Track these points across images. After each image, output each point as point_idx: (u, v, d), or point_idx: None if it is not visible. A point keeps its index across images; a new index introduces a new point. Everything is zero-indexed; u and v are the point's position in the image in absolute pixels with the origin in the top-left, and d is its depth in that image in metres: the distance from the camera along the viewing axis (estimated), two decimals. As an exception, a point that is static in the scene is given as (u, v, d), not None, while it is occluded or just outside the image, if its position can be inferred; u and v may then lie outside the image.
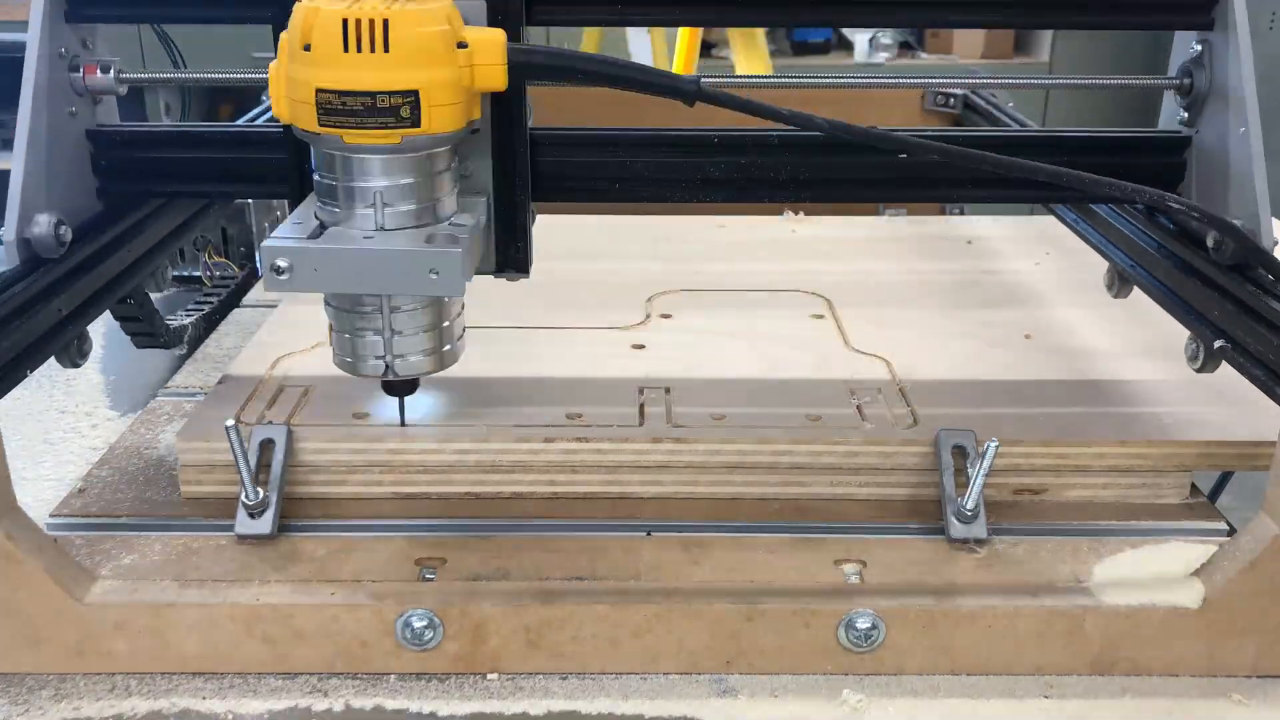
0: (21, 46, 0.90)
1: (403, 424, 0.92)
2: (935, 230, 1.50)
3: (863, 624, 0.77)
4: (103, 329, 1.32)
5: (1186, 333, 0.96)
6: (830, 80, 1.08)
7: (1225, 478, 1.14)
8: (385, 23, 0.70)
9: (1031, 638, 0.78)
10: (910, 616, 0.78)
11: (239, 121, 1.19)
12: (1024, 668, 0.79)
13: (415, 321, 0.81)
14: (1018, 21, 1.03)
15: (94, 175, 0.98)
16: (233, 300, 1.37)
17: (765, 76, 2.21)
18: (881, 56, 4.22)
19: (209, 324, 1.29)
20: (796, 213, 1.52)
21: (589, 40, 2.94)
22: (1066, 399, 0.98)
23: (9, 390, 0.82)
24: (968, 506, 0.85)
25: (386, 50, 0.71)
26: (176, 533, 0.87)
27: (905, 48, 4.37)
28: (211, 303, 1.33)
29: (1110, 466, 0.91)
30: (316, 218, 0.78)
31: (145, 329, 1.13)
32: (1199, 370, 0.92)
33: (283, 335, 1.09)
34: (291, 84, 0.73)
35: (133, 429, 1.03)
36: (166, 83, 1.05)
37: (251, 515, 0.86)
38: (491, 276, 0.90)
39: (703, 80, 0.78)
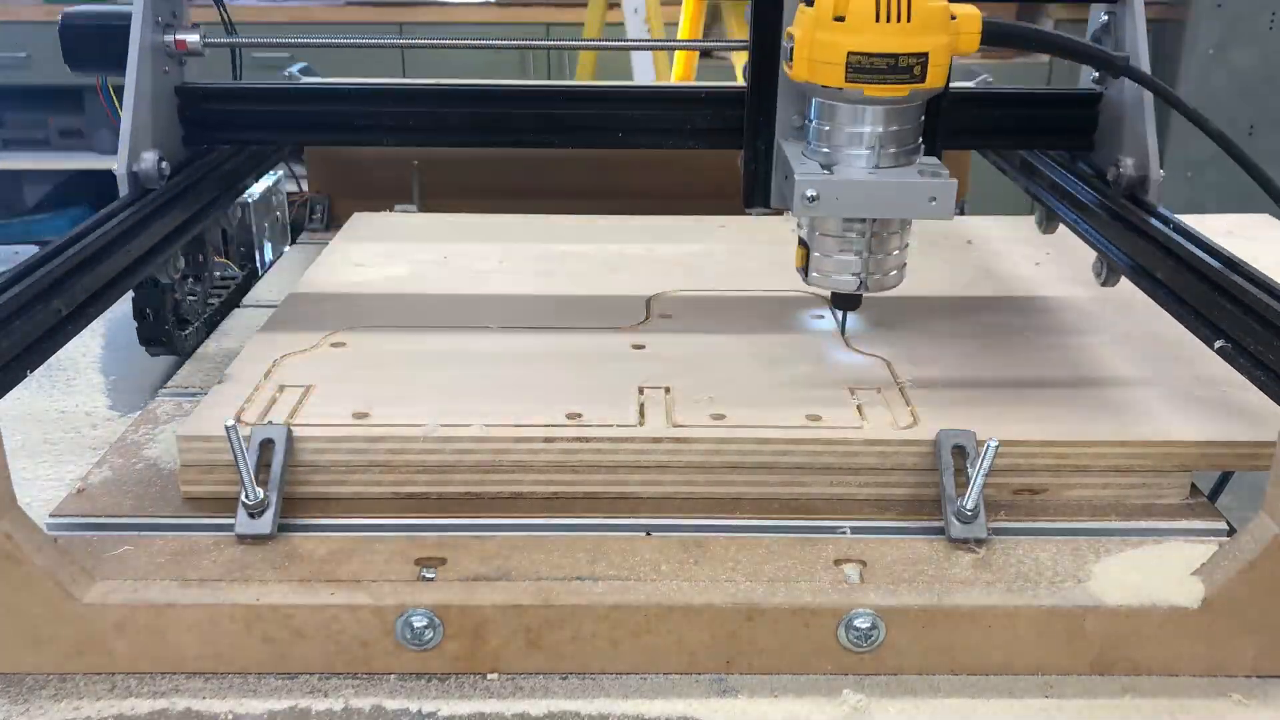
0: (118, 16, 1.13)
1: (843, 334, 1.11)
2: (935, 230, 1.50)
3: (863, 624, 0.77)
4: (103, 329, 1.32)
5: (1187, 333, 0.97)
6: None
7: (1225, 478, 1.14)
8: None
9: (1031, 638, 0.78)
10: (910, 616, 0.78)
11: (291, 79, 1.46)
12: (1024, 668, 0.79)
13: (885, 246, 0.97)
14: None
15: (180, 125, 1.19)
16: (233, 300, 1.37)
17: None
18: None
19: (209, 324, 1.29)
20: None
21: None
22: (1066, 399, 0.98)
23: (9, 390, 0.82)
24: (968, 506, 0.86)
25: (909, 20, 0.87)
26: (176, 533, 0.87)
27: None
28: (212, 304, 1.32)
29: (1110, 466, 0.91)
30: (807, 158, 0.95)
31: (154, 332, 1.18)
32: (1103, 284, 1.15)
33: (283, 335, 1.09)
34: (818, 47, 0.89)
35: (133, 429, 1.03)
36: (240, 46, 1.30)
37: (251, 515, 0.86)
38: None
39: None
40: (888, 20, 0.87)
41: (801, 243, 1.00)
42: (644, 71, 2.79)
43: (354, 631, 0.78)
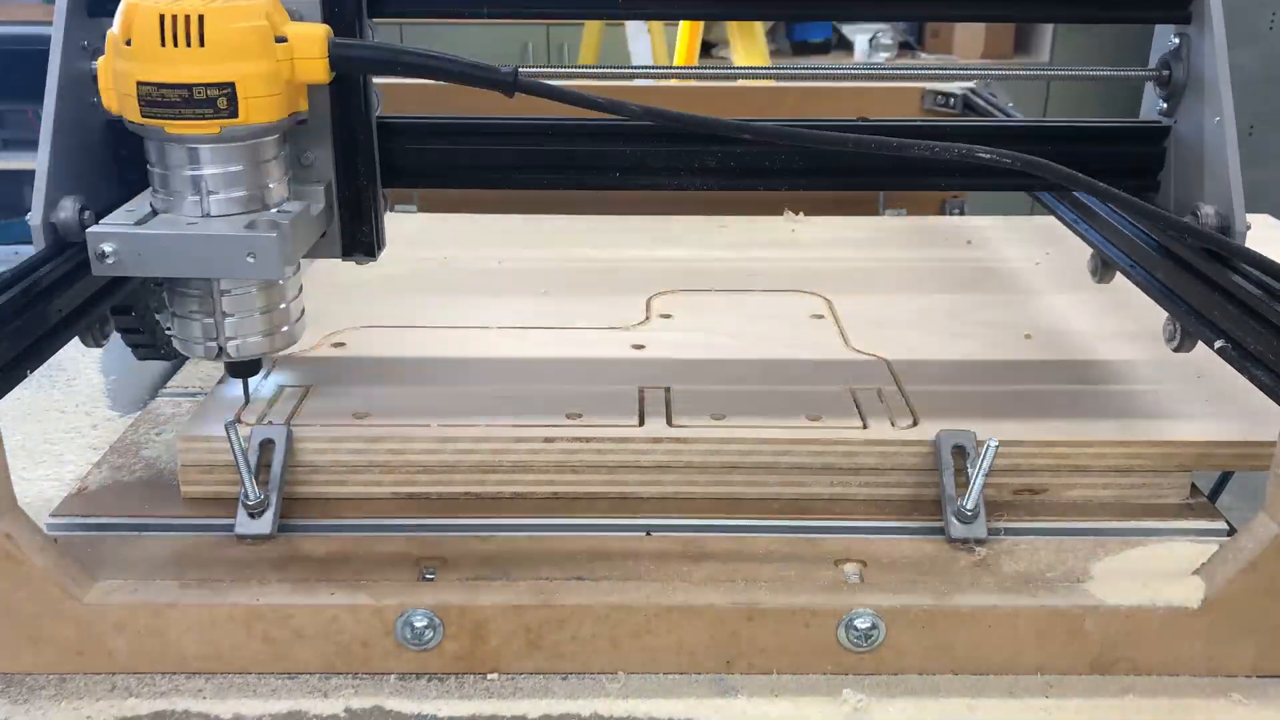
0: (39, 40, 0.94)
1: (247, 402, 0.94)
2: (935, 230, 1.50)
3: (863, 624, 0.77)
4: (103, 329, 1.32)
5: (1187, 333, 0.96)
6: (813, 70, 1.09)
7: (1225, 478, 1.14)
8: (200, 18, 0.74)
9: (1031, 638, 0.78)
10: (910, 616, 0.78)
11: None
12: (1024, 668, 0.79)
13: (245, 304, 0.84)
14: (1001, 14, 1.06)
15: (115, 164, 1.00)
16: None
17: (764, 68, 2.20)
18: (881, 56, 4.22)
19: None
20: (796, 212, 1.53)
21: (589, 37, 2.94)
22: (1067, 399, 0.98)
23: (9, 390, 0.82)
24: (968, 506, 0.86)
25: (202, 44, 0.74)
26: (176, 533, 0.87)
27: (905, 47, 4.38)
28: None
29: (1110, 466, 0.91)
30: (151, 206, 0.82)
31: (146, 340, 1.14)
32: (1176, 350, 0.97)
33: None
34: (116, 77, 0.77)
35: (133, 429, 1.03)
36: None
37: (251, 515, 0.86)
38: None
39: (520, 71, 0.81)
40: (175, 44, 0.74)
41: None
42: (642, 60, 2.79)
43: (354, 631, 0.78)
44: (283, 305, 0.86)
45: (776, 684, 0.78)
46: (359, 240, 0.93)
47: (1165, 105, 1.02)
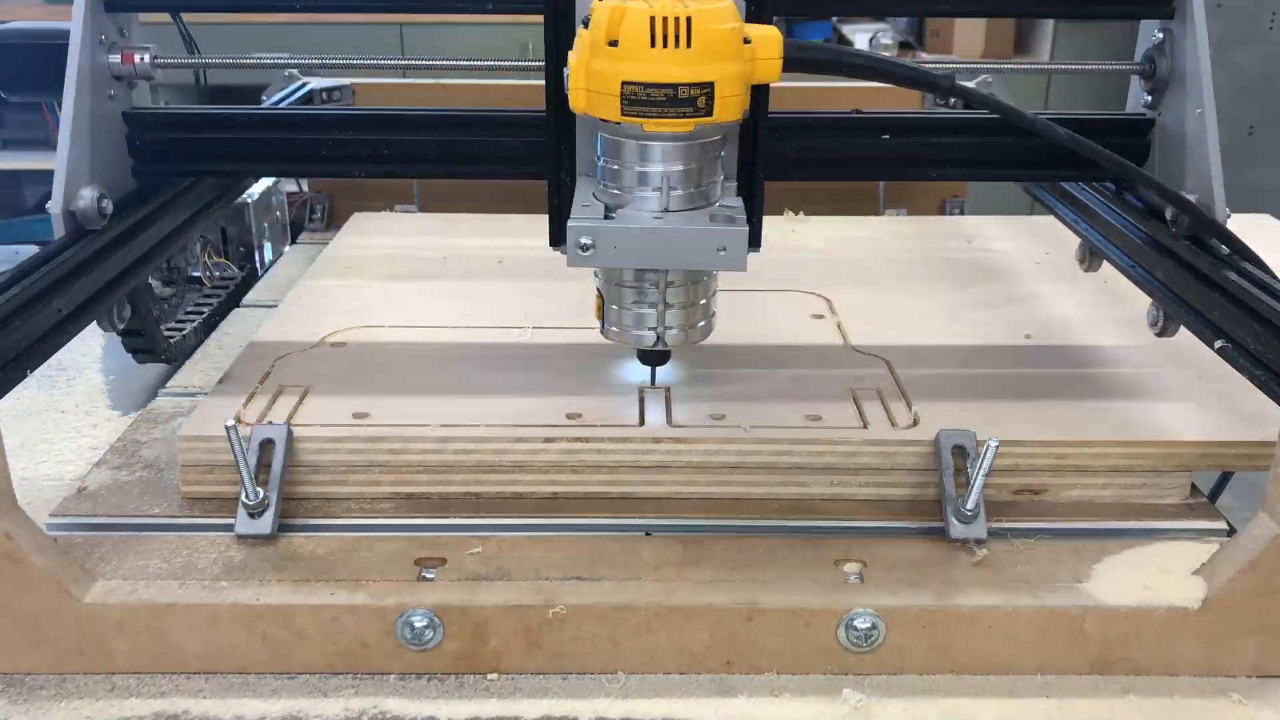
0: (55, 34, 0.97)
1: (653, 384, 0.99)
2: (935, 230, 1.50)
3: (863, 624, 0.77)
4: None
5: (1189, 334, 0.97)
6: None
7: (1225, 478, 1.14)
8: (688, 20, 0.76)
9: (1031, 638, 0.78)
10: (910, 616, 0.78)
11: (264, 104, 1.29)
12: (1024, 668, 0.79)
13: (684, 297, 0.89)
14: (993, 10, 1.09)
15: (129, 155, 1.05)
16: (232, 300, 1.37)
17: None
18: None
19: (209, 324, 1.29)
20: (796, 212, 1.52)
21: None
22: (1066, 399, 0.98)
23: (9, 390, 0.82)
24: (968, 506, 0.85)
25: (689, 46, 0.76)
26: (176, 533, 0.87)
27: (905, 47, 4.37)
28: (211, 305, 1.33)
29: (1110, 466, 0.91)
30: (597, 199, 0.84)
31: (146, 344, 1.14)
32: (1160, 334, 1.02)
33: (283, 335, 1.09)
34: (593, 77, 0.78)
35: (133, 429, 1.03)
36: (198, 68, 1.15)
37: (251, 515, 0.86)
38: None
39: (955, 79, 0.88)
40: (665, 45, 0.76)
41: (598, 291, 0.92)
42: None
43: (354, 631, 0.78)
44: (709, 297, 0.91)
45: (776, 684, 0.78)
46: (752, 234, 0.90)
47: (1150, 98, 1.06)
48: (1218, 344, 0.90)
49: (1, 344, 0.81)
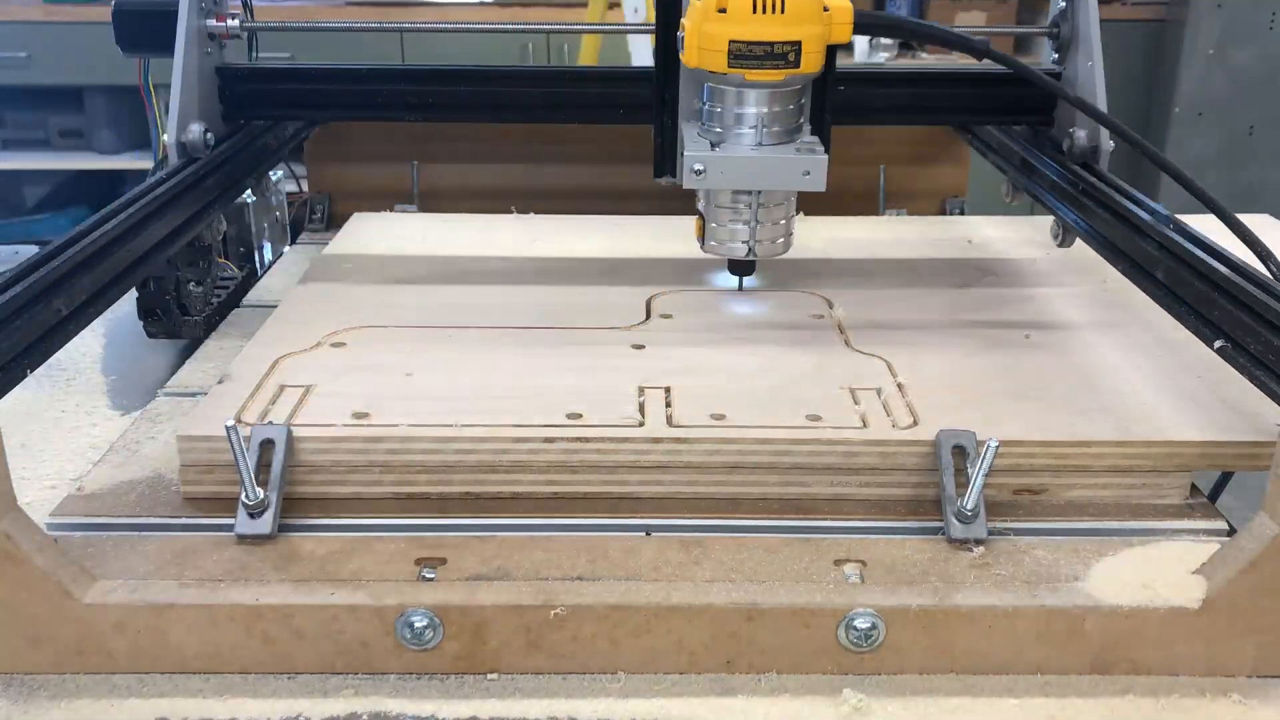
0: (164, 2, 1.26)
1: (740, 288, 1.22)
2: (935, 229, 1.50)
3: (863, 624, 0.77)
4: (103, 329, 1.32)
5: (1187, 333, 0.98)
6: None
7: (1225, 478, 1.14)
8: None
9: (1031, 638, 0.78)
10: (910, 616, 0.78)
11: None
12: (1024, 668, 0.79)
13: (773, 215, 1.09)
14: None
15: (220, 103, 1.32)
16: (233, 300, 1.37)
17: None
18: (882, 56, 4.22)
19: (209, 324, 1.29)
20: (796, 212, 1.52)
21: (589, 38, 2.94)
22: (1066, 399, 0.98)
23: (9, 390, 0.82)
24: (968, 506, 0.85)
25: (783, 11, 0.98)
26: (176, 533, 0.87)
27: (905, 48, 4.37)
28: (212, 304, 1.33)
29: (1110, 466, 0.91)
30: (701, 137, 1.06)
31: (161, 321, 1.23)
32: (1060, 245, 1.29)
33: (283, 335, 1.09)
34: (705, 37, 0.99)
35: (133, 429, 1.03)
36: (278, 29, 1.43)
37: (251, 515, 0.86)
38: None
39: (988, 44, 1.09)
40: (764, 12, 0.97)
41: (699, 214, 1.11)
42: (643, 60, 2.79)
43: (354, 631, 0.78)
44: (790, 218, 1.11)
45: (776, 684, 0.78)
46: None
47: (1056, 55, 1.34)
48: (1218, 344, 0.90)
49: (1, 344, 0.81)
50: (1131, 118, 3.73)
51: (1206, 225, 1.02)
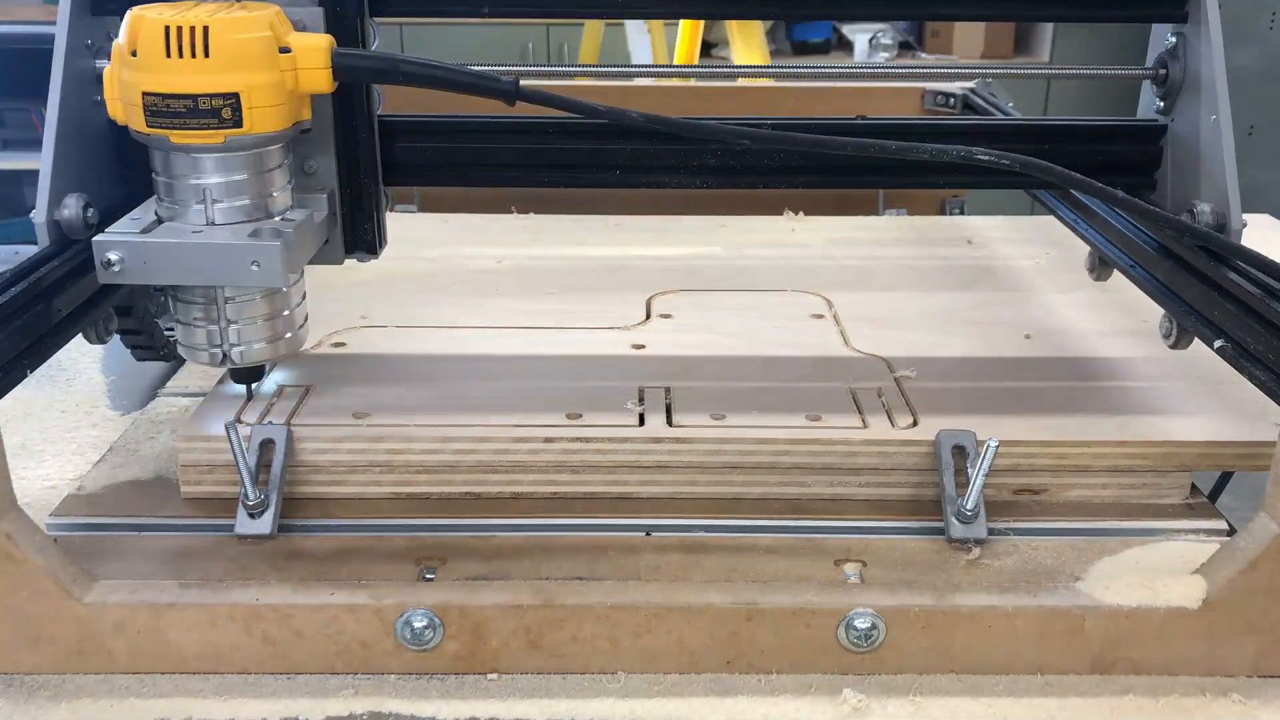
0: (39, 39, 0.95)
1: (248, 402, 0.95)
2: (935, 230, 1.50)
3: (862, 624, 0.77)
4: (103, 329, 1.32)
5: (1188, 332, 0.96)
6: (813, 70, 1.09)
7: (1225, 478, 1.14)
8: (205, 29, 0.75)
9: (1031, 638, 0.78)
10: (910, 616, 0.78)
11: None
12: (1024, 668, 0.79)
13: (249, 312, 0.84)
14: (1001, 13, 1.08)
15: (118, 163, 1.01)
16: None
17: (762, 67, 2.20)
18: (881, 56, 4.22)
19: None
20: (796, 212, 1.53)
21: (589, 37, 2.94)
22: (1066, 399, 0.98)
23: (9, 390, 0.82)
24: (968, 506, 0.86)
25: (207, 55, 0.76)
26: (176, 533, 0.87)
27: (905, 47, 4.38)
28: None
29: (1110, 466, 0.91)
30: (155, 214, 0.83)
31: (145, 341, 1.14)
32: (1173, 347, 0.98)
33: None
34: (122, 87, 0.78)
35: (133, 429, 1.03)
36: None
37: (251, 515, 0.86)
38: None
39: (522, 80, 0.83)
40: (179, 55, 0.75)
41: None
42: (643, 57, 2.80)
43: (354, 631, 0.78)
44: (286, 312, 0.86)
45: (776, 684, 0.78)
46: (361, 239, 0.94)
47: (1162, 104, 1.03)
48: (1217, 344, 0.90)
49: (1, 344, 0.81)
50: (1131, 118, 3.72)
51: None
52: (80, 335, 0.93)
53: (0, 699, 0.75)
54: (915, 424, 0.93)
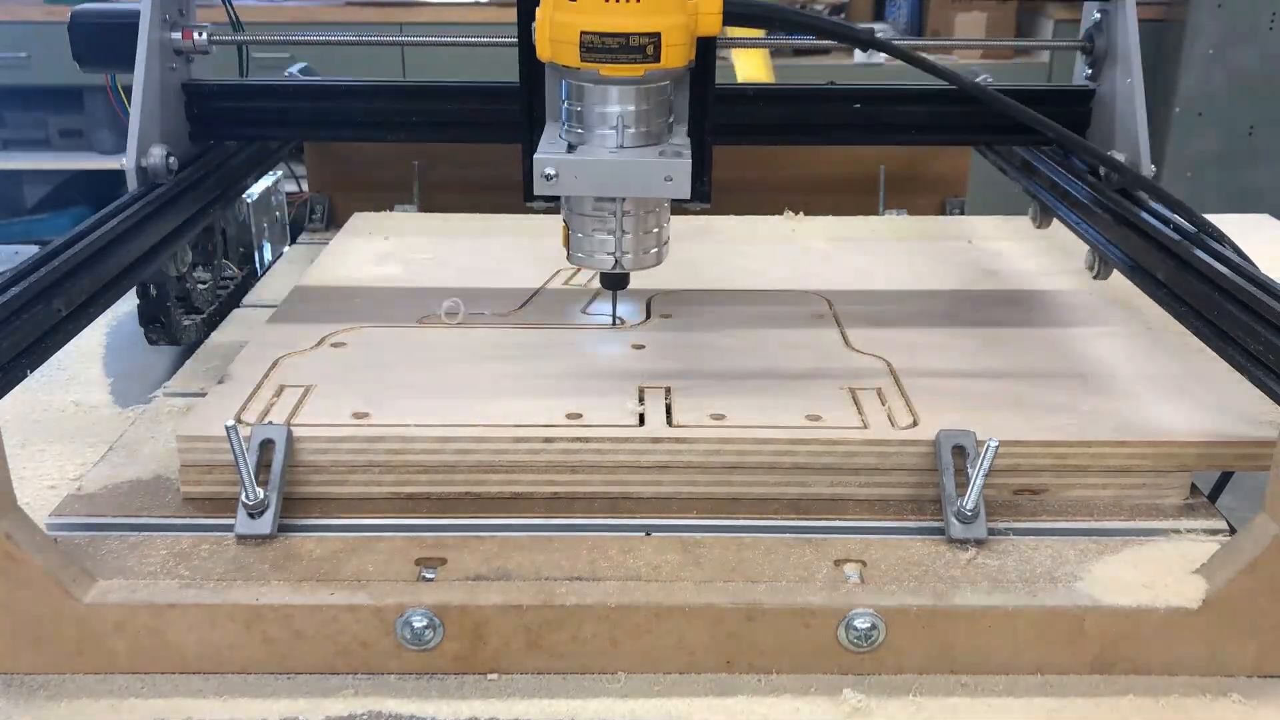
0: (126, 14, 1.17)
1: (613, 320, 1.13)
2: (935, 229, 1.50)
3: (862, 624, 0.77)
4: (104, 328, 1.32)
5: (1188, 332, 0.98)
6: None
7: (1225, 478, 1.14)
8: None
9: (1031, 638, 0.78)
10: (910, 616, 0.78)
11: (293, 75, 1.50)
12: (1024, 668, 0.79)
13: (639, 225, 0.98)
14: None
15: (187, 121, 1.22)
16: (232, 300, 1.37)
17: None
18: (881, 58, 4.22)
19: (209, 324, 1.29)
20: (796, 212, 1.53)
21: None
22: (1066, 399, 0.98)
23: (9, 390, 0.82)
24: (967, 507, 0.85)
25: (639, 1, 0.88)
26: (176, 533, 0.87)
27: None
28: (221, 293, 1.33)
29: (1110, 466, 0.91)
30: (562, 138, 0.96)
31: (160, 327, 1.20)
32: (1095, 278, 1.18)
33: (283, 335, 1.09)
34: (556, 27, 0.90)
35: (133, 429, 1.03)
36: (246, 44, 1.37)
37: (251, 515, 0.86)
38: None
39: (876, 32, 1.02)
40: (618, 0, 0.88)
41: (564, 222, 1.01)
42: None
43: (354, 631, 0.78)
44: (657, 230, 0.99)
45: (776, 684, 0.78)
46: (699, 188, 1.02)
47: (1090, 72, 1.24)
48: (1217, 343, 0.90)
49: (1, 344, 0.81)
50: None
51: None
52: (79, 335, 0.93)
53: (0, 699, 0.75)
54: (915, 424, 0.93)
